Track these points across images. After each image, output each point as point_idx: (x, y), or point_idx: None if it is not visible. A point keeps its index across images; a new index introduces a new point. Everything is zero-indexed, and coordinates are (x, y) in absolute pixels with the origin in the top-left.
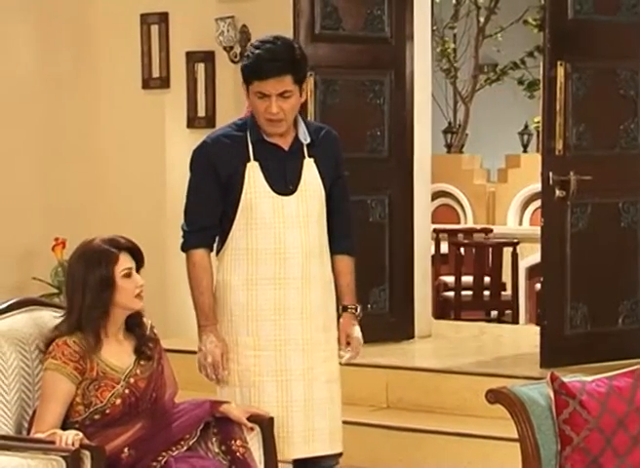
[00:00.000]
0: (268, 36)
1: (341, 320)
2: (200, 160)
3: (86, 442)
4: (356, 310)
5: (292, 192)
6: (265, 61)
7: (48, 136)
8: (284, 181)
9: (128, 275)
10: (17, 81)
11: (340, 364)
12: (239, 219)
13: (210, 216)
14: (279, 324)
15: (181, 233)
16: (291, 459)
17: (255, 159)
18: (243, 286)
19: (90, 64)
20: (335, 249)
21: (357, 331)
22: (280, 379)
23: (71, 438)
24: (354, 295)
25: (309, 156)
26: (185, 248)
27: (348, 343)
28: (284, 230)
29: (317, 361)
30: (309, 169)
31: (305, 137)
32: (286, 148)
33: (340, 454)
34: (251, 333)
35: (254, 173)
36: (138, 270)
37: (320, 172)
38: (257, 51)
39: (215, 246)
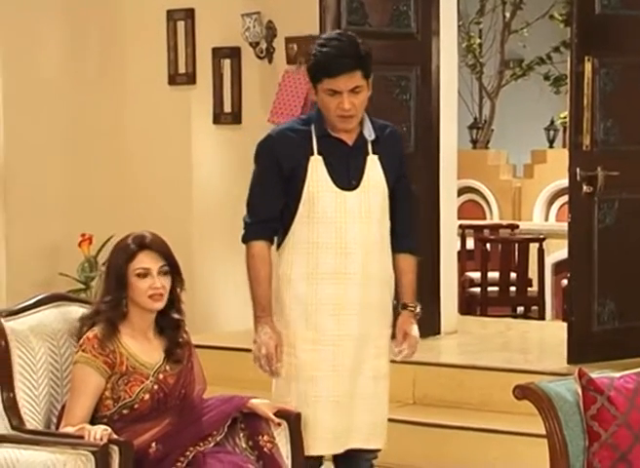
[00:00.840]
0: (331, 34)
1: (400, 318)
2: (264, 153)
3: (114, 437)
4: (415, 309)
5: (354, 188)
6: (335, 58)
7: (74, 133)
8: (347, 177)
9: (142, 275)
10: (44, 78)
11: (395, 361)
12: (301, 213)
13: (271, 209)
14: (338, 319)
15: (243, 224)
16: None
17: (318, 153)
18: (303, 280)
19: (116, 61)
20: (397, 247)
21: (415, 330)
22: (335, 374)
23: (100, 433)
24: (414, 294)
25: (374, 153)
26: (246, 239)
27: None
28: (345, 225)
29: (367, 356)
30: (373, 165)
31: (370, 134)
32: (350, 143)
33: (379, 450)
34: (310, 328)
35: (317, 166)
36: (172, 273)
37: (384, 169)
38: (324, 48)
39: (275, 239)
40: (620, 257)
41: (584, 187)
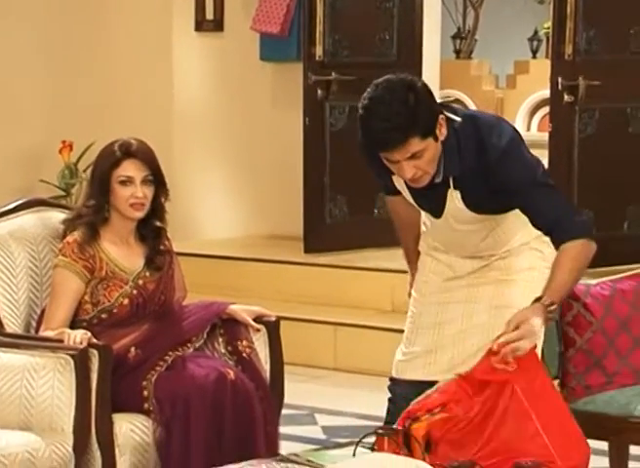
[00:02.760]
0: (378, 86)
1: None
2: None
3: (94, 341)
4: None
5: (438, 216)
6: (382, 133)
7: (55, 40)
8: (427, 207)
9: (125, 183)
10: None
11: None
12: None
13: (386, 184)
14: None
15: None
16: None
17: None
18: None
19: None
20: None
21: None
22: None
23: (79, 337)
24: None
25: (455, 188)
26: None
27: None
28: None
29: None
30: (453, 200)
31: (452, 172)
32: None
33: None
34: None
35: (400, 185)
36: (157, 183)
37: (467, 203)
38: (368, 117)
39: None
40: (600, 167)
41: (566, 97)
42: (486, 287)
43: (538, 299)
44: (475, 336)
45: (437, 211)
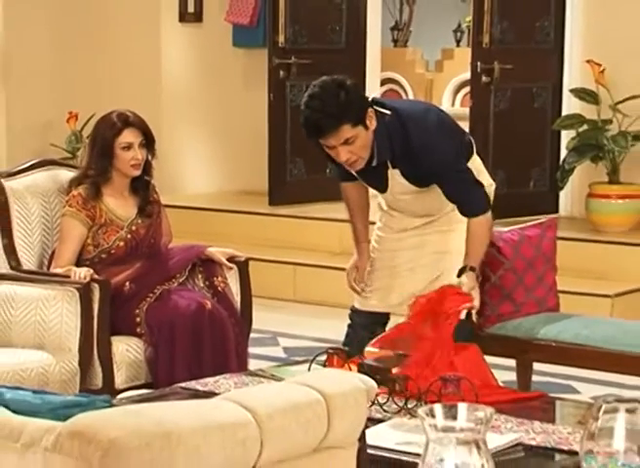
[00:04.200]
0: (316, 85)
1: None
2: None
3: (95, 277)
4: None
5: (382, 192)
6: (316, 121)
7: (64, 26)
8: (373, 184)
9: (126, 148)
10: None
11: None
12: None
13: (342, 172)
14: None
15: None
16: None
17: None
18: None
19: None
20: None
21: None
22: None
23: (84, 273)
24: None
25: (393, 167)
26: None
27: None
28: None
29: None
30: (394, 178)
31: (384, 157)
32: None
33: None
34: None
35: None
36: (148, 145)
37: (409, 179)
38: (307, 110)
39: None
40: (512, 136)
41: (484, 78)
42: (431, 236)
43: (465, 268)
44: (421, 275)
45: (381, 186)
